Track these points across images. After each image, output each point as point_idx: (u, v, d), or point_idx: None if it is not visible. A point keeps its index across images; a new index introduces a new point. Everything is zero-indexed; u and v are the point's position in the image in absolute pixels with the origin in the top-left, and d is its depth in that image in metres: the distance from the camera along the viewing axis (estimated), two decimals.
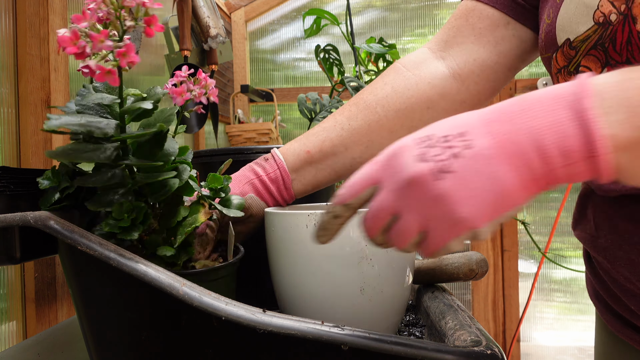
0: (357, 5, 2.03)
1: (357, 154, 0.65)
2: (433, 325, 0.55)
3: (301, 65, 2.08)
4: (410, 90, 0.65)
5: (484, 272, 0.61)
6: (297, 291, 0.55)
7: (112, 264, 0.39)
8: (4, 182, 0.54)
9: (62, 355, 0.61)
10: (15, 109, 0.77)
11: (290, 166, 0.65)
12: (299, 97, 1.08)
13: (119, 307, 0.41)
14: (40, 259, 0.61)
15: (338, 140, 0.65)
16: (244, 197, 0.61)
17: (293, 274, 0.55)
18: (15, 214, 0.43)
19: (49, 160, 0.81)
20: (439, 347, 0.37)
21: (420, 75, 0.66)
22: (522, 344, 1.91)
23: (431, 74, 0.66)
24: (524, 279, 1.90)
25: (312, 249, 0.53)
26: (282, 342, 0.38)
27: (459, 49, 0.66)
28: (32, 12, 0.78)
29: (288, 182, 0.64)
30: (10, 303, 0.75)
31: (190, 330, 0.40)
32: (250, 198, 0.62)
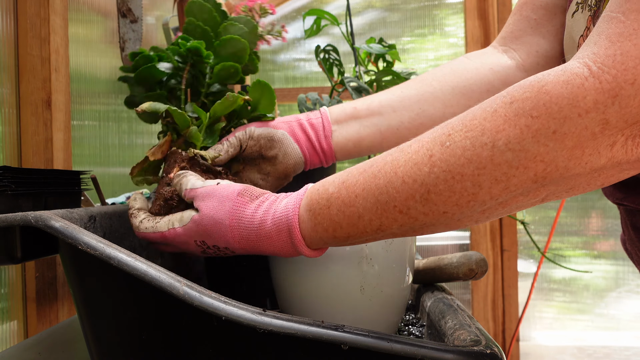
0: (357, 6, 2.03)
1: (406, 119, 0.64)
2: (433, 324, 0.56)
3: (301, 66, 2.08)
4: (469, 72, 0.65)
5: (484, 272, 0.61)
6: (297, 291, 0.55)
7: (112, 264, 0.40)
8: (5, 181, 0.54)
9: (63, 354, 0.61)
10: (16, 109, 0.78)
11: (334, 118, 0.64)
12: (299, 97, 1.08)
13: (119, 306, 0.41)
14: (41, 258, 0.62)
15: (387, 102, 0.65)
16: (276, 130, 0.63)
17: (293, 273, 0.55)
18: (17, 214, 0.43)
19: (49, 160, 0.81)
20: (438, 347, 0.37)
21: (482, 62, 0.66)
22: (522, 344, 1.91)
23: (493, 62, 0.66)
24: (523, 279, 1.90)
25: None
26: (282, 342, 0.38)
27: (519, 42, 0.66)
28: (33, 12, 0.78)
29: (328, 130, 0.64)
30: (11, 302, 0.75)
31: (191, 330, 0.40)
32: (280, 133, 0.63)
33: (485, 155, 0.36)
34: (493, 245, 1.88)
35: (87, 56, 1.02)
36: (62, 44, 0.84)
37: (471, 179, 0.37)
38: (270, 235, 0.47)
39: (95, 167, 1.04)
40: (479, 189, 0.37)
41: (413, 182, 0.39)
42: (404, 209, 0.40)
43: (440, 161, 0.38)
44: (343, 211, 0.43)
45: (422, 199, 0.39)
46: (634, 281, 1.87)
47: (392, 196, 0.40)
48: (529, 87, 0.36)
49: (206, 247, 0.51)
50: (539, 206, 1.95)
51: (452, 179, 0.37)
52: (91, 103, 1.03)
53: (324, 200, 0.44)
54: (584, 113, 0.34)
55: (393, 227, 0.41)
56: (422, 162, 0.39)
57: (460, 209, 0.38)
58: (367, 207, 0.41)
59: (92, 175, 0.72)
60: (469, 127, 0.37)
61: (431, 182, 0.38)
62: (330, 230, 0.44)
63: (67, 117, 0.86)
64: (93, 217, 0.54)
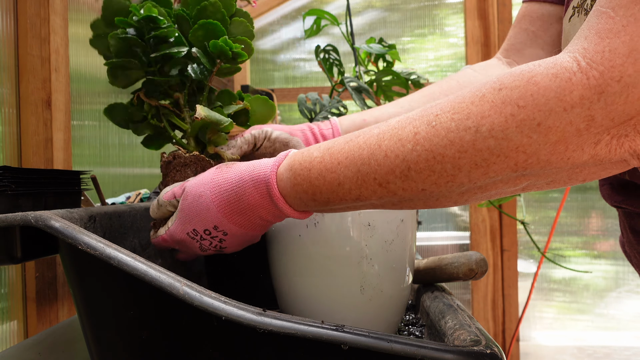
0: (357, 6, 2.03)
1: None
2: (433, 324, 0.56)
3: (301, 66, 2.08)
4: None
5: (484, 272, 0.61)
6: (297, 291, 0.55)
7: (112, 264, 0.40)
8: (5, 181, 0.54)
9: (63, 354, 0.61)
10: (16, 109, 0.78)
11: (344, 129, 0.66)
12: (299, 97, 1.08)
13: (119, 306, 0.41)
14: (41, 258, 0.62)
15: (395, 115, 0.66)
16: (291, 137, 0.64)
17: (293, 274, 0.55)
18: (17, 214, 0.43)
19: (49, 159, 0.81)
20: (438, 347, 0.37)
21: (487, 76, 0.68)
22: (522, 344, 1.91)
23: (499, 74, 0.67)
24: (523, 279, 1.91)
25: (312, 249, 0.53)
26: (282, 342, 0.38)
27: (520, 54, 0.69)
28: (33, 12, 0.78)
29: None
30: (11, 302, 0.75)
31: (191, 330, 0.40)
32: (296, 141, 0.64)
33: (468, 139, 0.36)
34: (493, 245, 1.88)
35: (87, 56, 1.02)
36: (62, 44, 0.84)
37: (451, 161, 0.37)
38: (248, 190, 0.47)
39: (95, 167, 1.04)
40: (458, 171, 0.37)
41: (395, 158, 0.39)
42: (383, 182, 0.40)
43: (424, 140, 0.38)
44: (324, 176, 0.43)
45: (402, 175, 0.39)
46: (634, 281, 1.87)
47: (374, 168, 0.40)
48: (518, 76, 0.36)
49: (200, 239, 0.51)
50: (539, 206, 1.95)
51: (432, 159, 0.38)
52: (91, 103, 1.03)
53: (306, 163, 0.45)
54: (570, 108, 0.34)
55: (372, 198, 0.42)
56: (406, 139, 0.39)
57: (438, 188, 0.39)
58: (348, 175, 0.42)
59: (92, 175, 0.72)
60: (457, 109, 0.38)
61: (412, 159, 0.38)
62: (310, 193, 0.44)
63: (67, 117, 0.86)
64: (93, 217, 0.54)
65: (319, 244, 0.53)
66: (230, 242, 0.51)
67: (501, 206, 1.84)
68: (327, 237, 0.52)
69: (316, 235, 0.53)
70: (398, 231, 0.54)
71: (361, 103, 1.10)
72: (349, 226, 0.52)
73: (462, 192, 0.39)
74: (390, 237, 0.54)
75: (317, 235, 0.53)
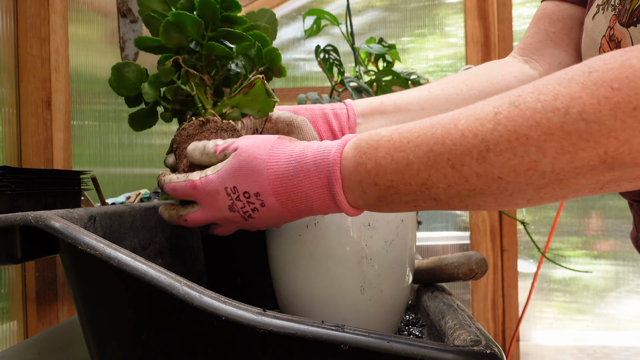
0: (357, 6, 2.03)
1: None
2: (433, 324, 0.56)
3: (301, 65, 2.08)
4: (495, 78, 0.65)
5: (484, 272, 0.61)
6: (297, 291, 0.55)
7: (112, 264, 0.40)
8: (5, 181, 0.54)
9: (63, 354, 0.61)
10: (16, 109, 0.78)
11: (359, 111, 0.63)
12: (299, 97, 1.08)
13: (119, 306, 0.41)
14: (41, 258, 0.62)
15: (415, 100, 0.64)
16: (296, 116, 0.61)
17: (293, 273, 0.55)
18: (16, 214, 0.43)
19: (49, 160, 0.81)
20: (438, 347, 0.37)
21: (506, 70, 0.66)
22: (522, 344, 1.91)
23: (517, 71, 0.66)
24: (523, 279, 1.91)
25: (312, 249, 0.53)
26: (282, 342, 0.38)
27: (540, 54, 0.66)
28: (33, 12, 0.78)
29: (353, 122, 0.62)
30: (11, 302, 0.75)
31: (191, 330, 0.40)
32: (300, 119, 0.61)
33: (556, 121, 0.34)
34: (493, 245, 1.88)
35: (87, 56, 1.02)
36: (62, 44, 0.84)
37: (536, 144, 0.34)
38: (308, 168, 0.44)
39: (95, 167, 1.04)
40: (542, 157, 0.34)
41: (473, 137, 0.36)
42: (457, 164, 0.37)
43: (507, 119, 0.35)
44: (392, 155, 0.40)
45: (479, 156, 0.36)
46: (634, 281, 1.87)
47: (448, 147, 0.37)
48: (610, 59, 0.34)
49: (235, 198, 0.47)
50: (539, 206, 1.95)
51: (515, 140, 0.35)
52: (91, 103, 1.03)
53: (373, 141, 0.42)
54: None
55: (440, 185, 0.38)
56: (486, 118, 0.36)
57: (516, 177, 0.36)
58: (419, 154, 0.39)
59: (92, 175, 0.72)
60: (542, 90, 0.35)
61: (493, 139, 0.35)
62: (373, 174, 0.41)
63: (67, 117, 0.86)
64: (93, 217, 0.54)
65: (319, 244, 0.53)
66: (262, 215, 0.47)
67: None
68: (327, 237, 0.52)
69: (316, 235, 0.53)
70: (398, 231, 0.54)
71: None
72: (349, 226, 0.52)
73: (540, 187, 0.36)
74: (390, 237, 0.54)
75: (317, 235, 0.53)
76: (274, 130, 0.61)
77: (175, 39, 0.57)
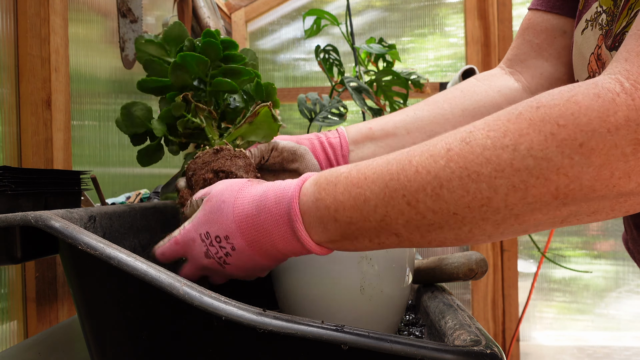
0: (357, 6, 2.03)
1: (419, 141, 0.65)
2: (433, 324, 0.56)
3: (301, 65, 2.08)
4: (479, 95, 0.67)
5: (484, 272, 0.61)
6: (297, 291, 0.55)
7: (112, 264, 0.40)
8: (5, 181, 0.54)
9: (63, 354, 0.61)
10: (16, 109, 0.78)
11: (351, 138, 0.66)
12: (299, 97, 1.08)
13: (119, 306, 0.41)
14: (41, 258, 0.62)
15: (401, 123, 0.66)
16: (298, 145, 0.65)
17: (293, 273, 0.55)
18: (16, 214, 0.43)
19: (49, 160, 0.81)
20: (438, 347, 0.37)
21: (490, 85, 0.68)
22: (522, 344, 1.91)
23: (501, 85, 0.68)
24: (523, 279, 1.91)
25: None
26: (282, 342, 0.38)
27: (524, 65, 0.68)
28: (33, 12, 0.78)
29: (346, 150, 0.65)
30: (11, 303, 0.75)
31: (191, 330, 0.40)
32: (303, 149, 0.64)
33: (505, 158, 0.34)
34: (493, 245, 1.88)
35: (87, 56, 1.02)
36: (62, 44, 0.84)
37: (487, 181, 0.35)
38: (269, 206, 0.45)
39: (95, 167, 1.04)
40: (494, 194, 0.35)
41: (427, 174, 0.37)
42: (412, 201, 0.38)
43: (458, 156, 0.36)
44: (349, 191, 0.41)
45: (433, 193, 0.37)
46: (634, 281, 1.87)
47: (403, 184, 0.38)
48: (557, 95, 0.34)
49: (209, 244, 0.48)
50: None
51: (467, 177, 0.35)
52: (91, 103, 1.03)
53: (332, 177, 0.43)
54: (614, 129, 0.32)
55: (399, 221, 0.39)
56: (438, 155, 0.37)
57: (471, 213, 0.36)
58: (375, 191, 0.39)
59: (92, 175, 0.72)
60: (492, 127, 0.36)
61: (445, 176, 0.36)
62: (332, 209, 0.41)
63: (67, 117, 0.86)
64: (93, 217, 0.54)
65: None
66: (236, 260, 0.48)
67: None
68: None
69: None
70: None
71: (361, 103, 1.10)
72: None
73: (498, 222, 0.37)
74: None
75: None
76: (280, 158, 0.64)
77: (181, 78, 0.61)
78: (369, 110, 1.13)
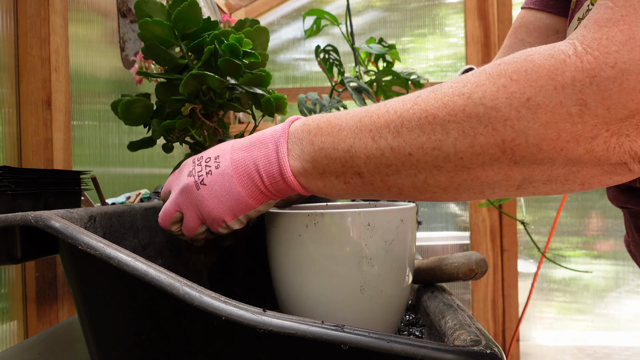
0: (357, 6, 2.03)
1: None
2: (433, 324, 0.56)
3: (301, 65, 2.08)
4: None
5: (484, 272, 0.61)
6: (297, 291, 0.55)
7: (112, 264, 0.40)
8: (5, 181, 0.54)
9: (63, 354, 0.61)
10: (16, 109, 0.78)
11: None
12: (299, 97, 1.08)
13: (119, 306, 0.41)
14: (41, 258, 0.62)
15: None
16: None
17: (293, 274, 0.55)
18: (17, 214, 0.43)
19: (49, 160, 0.81)
20: (438, 347, 0.37)
21: None
22: (522, 344, 1.91)
23: None
24: (523, 279, 1.91)
25: (312, 249, 0.53)
26: (282, 342, 0.38)
27: None
28: (33, 12, 0.78)
29: None
30: (11, 302, 0.75)
31: (191, 330, 0.40)
32: None
33: (460, 104, 0.37)
34: (493, 245, 1.88)
35: (87, 56, 1.02)
36: (62, 44, 0.84)
37: (441, 123, 0.38)
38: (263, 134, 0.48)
39: (95, 167, 1.04)
40: (445, 136, 0.38)
41: (394, 113, 0.41)
42: (376, 136, 0.41)
43: (422, 101, 0.39)
44: (330, 121, 0.45)
45: (394, 130, 0.40)
46: (634, 281, 1.87)
47: (373, 120, 0.42)
48: (518, 55, 0.37)
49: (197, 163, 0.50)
50: (539, 206, 1.95)
51: (424, 118, 0.38)
52: (91, 103, 1.03)
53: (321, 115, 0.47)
54: (560, 87, 0.34)
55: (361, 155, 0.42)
56: (409, 100, 0.41)
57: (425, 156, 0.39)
58: (349, 123, 0.43)
59: (92, 175, 0.72)
60: (458, 80, 0.39)
61: (408, 116, 0.40)
62: (312, 133, 0.45)
63: (67, 117, 0.86)
64: (93, 217, 0.54)
65: (319, 244, 0.53)
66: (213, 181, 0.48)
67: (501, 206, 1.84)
68: (327, 237, 0.52)
69: (316, 235, 0.53)
70: (398, 231, 0.54)
71: (361, 103, 1.10)
72: (349, 226, 0.52)
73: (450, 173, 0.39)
74: (390, 237, 0.54)
75: (317, 235, 0.53)
76: None
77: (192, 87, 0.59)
78: None
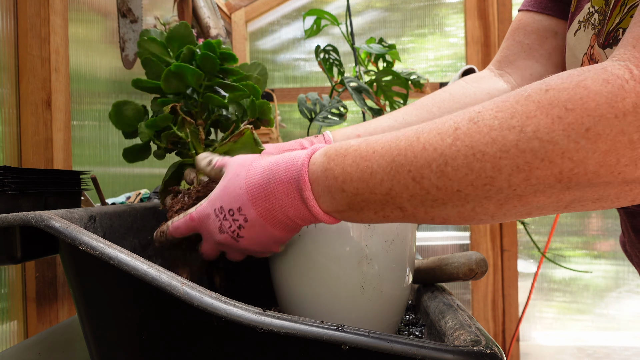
0: (357, 6, 2.03)
1: None
2: (433, 324, 0.56)
3: (301, 66, 2.08)
4: (467, 97, 0.67)
5: (484, 272, 0.61)
6: (297, 291, 0.55)
7: (112, 264, 0.40)
8: (5, 181, 0.54)
9: (63, 354, 0.61)
10: (16, 109, 0.78)
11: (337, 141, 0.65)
12: (299, 98, 1.08)
13: (119, 306, 0.41)
14: (41, 258, 0.62)
15: (389, 129, 0.65)
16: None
17: (293, 273, 0.55)
18: (17, 214, 0.43)
19: (49, 160, 0.81)
20: (438, 347, 0.37)
21: (479, 87, 0.68)
22: (522, 344, 1.91)
23: (490, 87, 0.68)
24: (523, 279, 1.91)
25: (312, 249, 0.53)
26: (282, 342, 0.38)
27: (514, 66, 0.68)
28: (33, 12, 0.78)
29: None
30: (11, 302, 0.75)
31: (190, 330, 0.40)
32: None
33: (511, 139, 0.34)
34: (493, 245, 1.88)
35: (87, 56, 1.02)
36: (62, 44, 0.84)
37: (492, 161, 0.35)
38: (279, 175, 0.45)
39: (95, 167, 1.04)
40: (497, 173, 0.35)
41: (433, 151, 0.37)
42: (417, 177, 0.38)
43: (465, 135, 0.36)
44: (357, 163, 0.42)
45: (438, 170, 0.37)
46: (634, 281, 1.87)
47: (409, 160, 0.39)
48: (567, 79, 0.34)
49: (223, 218, 0.49)
50: None
51: (472, 156, 0.36)
52: (91, 103, 1.03)
53: (342, 149, 0.43)
54: (622, 115, 0.32)
55: (403, 195, 0.39)
56: (446, 133, 0.37)
57: (475, 191, 0.37)
58: (382, 165, 0.40)
59: (92, 175, 0.72)
60: (500, 108, 0.36)
61: (451, 154, 0.37)
62: (340, 180, 0.42)
63: (67, 117, 0.86)
64: (93, 217, 0.54)
65: (319, 244, 0.53)
66: (249, 232, 0.48)
67: None
68: (327, 237, 0.53)
69: (316, 235, 0.53)
70: (398, 231, 0.54)
71: (361, 103, 1.10)
72: (349, 226, 0.52)
73: (500, 202, 0.37)
74: (390, 237, 0.54)
75: (317, 235, 0.53)
76: None
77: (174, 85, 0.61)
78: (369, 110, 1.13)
